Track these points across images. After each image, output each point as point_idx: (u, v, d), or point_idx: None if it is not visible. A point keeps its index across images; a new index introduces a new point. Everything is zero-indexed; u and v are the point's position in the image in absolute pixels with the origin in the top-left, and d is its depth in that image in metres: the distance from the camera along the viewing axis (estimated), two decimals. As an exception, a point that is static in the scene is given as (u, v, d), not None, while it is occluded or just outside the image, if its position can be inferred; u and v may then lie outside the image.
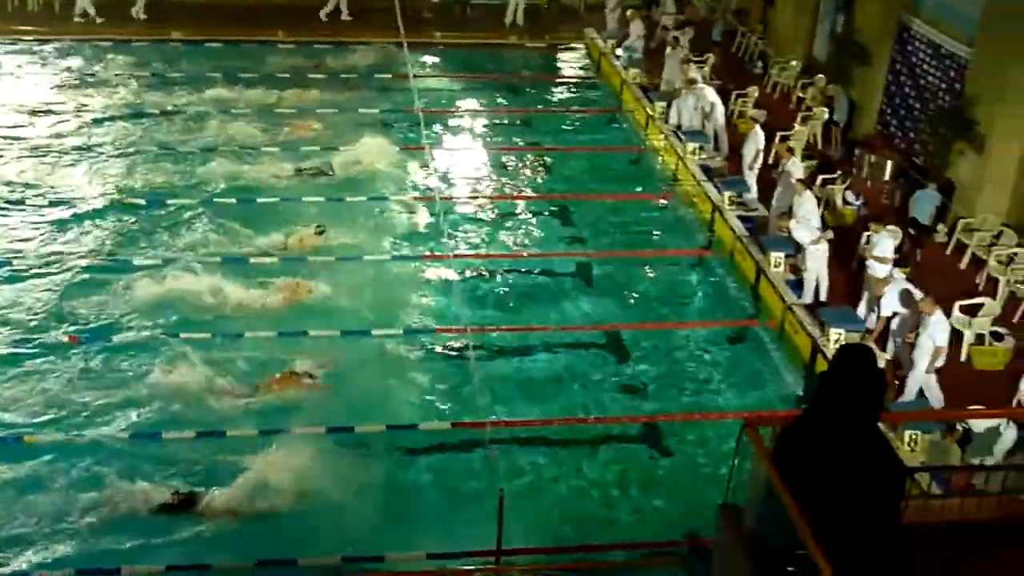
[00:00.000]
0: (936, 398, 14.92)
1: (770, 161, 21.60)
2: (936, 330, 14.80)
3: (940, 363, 15.01)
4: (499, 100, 27.81)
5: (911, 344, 15.23)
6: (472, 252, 20.01)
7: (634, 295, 18.98)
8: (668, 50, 27.18)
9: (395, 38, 26.65)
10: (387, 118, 25.67)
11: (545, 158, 24.38)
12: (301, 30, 30.80)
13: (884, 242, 16.93)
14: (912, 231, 19.12)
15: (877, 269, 16.76)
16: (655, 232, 21.43)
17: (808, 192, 18.76)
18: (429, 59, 30.07)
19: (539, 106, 27.56)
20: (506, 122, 26.50)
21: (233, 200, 21.15)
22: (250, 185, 21.84)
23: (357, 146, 23.43)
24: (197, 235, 19.74)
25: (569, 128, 26.34)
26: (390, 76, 28.11)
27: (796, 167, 19.94)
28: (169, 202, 20.96)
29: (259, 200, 21.28)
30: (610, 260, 20.09)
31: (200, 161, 22.68)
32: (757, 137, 21.39)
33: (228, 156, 22.89)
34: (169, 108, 25.40)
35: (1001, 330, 16.51)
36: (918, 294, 15.40)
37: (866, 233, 17.97)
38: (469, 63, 30.05)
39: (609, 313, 18.33)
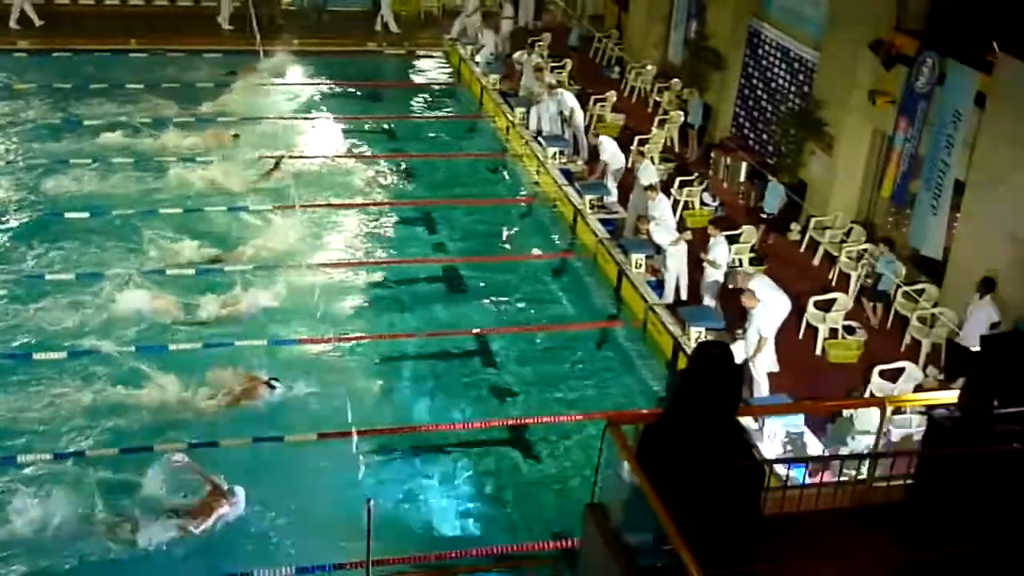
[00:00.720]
0: (763, 389, 15.37)
1: (629, 165, 21.93)
2: (760, 322, 15.25)
3: (768, 354, 15.45)
4: (359, 107, 27.60)
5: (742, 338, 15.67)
6: (335, 261, 19.81)
7: (500, 299, 19.03)
8: (525, 56, 27.43)
9: (251, 45, 26.37)
10: (243, 127, 25.23)
11: (407, 165, 24.28)
12: (153, 38, 30.22)
13: (719, 246, 17.39)
14: (762, 219, 19.94)
15: (710, 272, 17.21)
16: (519, 236, 21.55)
17: (661, 195, 19.14)
18: (287, 67, 29.65)
19: (400, 113, 27.43)
20: (366, 129, 26.30)
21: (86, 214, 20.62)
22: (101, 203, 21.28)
23: (213, 157, 23.03)
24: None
25: (431, 135, 26.32)
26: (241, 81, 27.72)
27: (646, 172, 20.24)
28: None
29: (115, 212, 20.71)
30: (475, 265, 20.09)
31: (55, 174, 22.07)
32: (608, 149, 21.81)
33: (91, 171, 22.31)
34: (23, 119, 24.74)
35: (854, 324, 17.07)
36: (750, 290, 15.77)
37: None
38: (327, 70, 29.78)
39: (475, 318, 18.35)
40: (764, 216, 20.47)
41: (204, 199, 21.52)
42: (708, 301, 17.20)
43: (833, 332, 16.94)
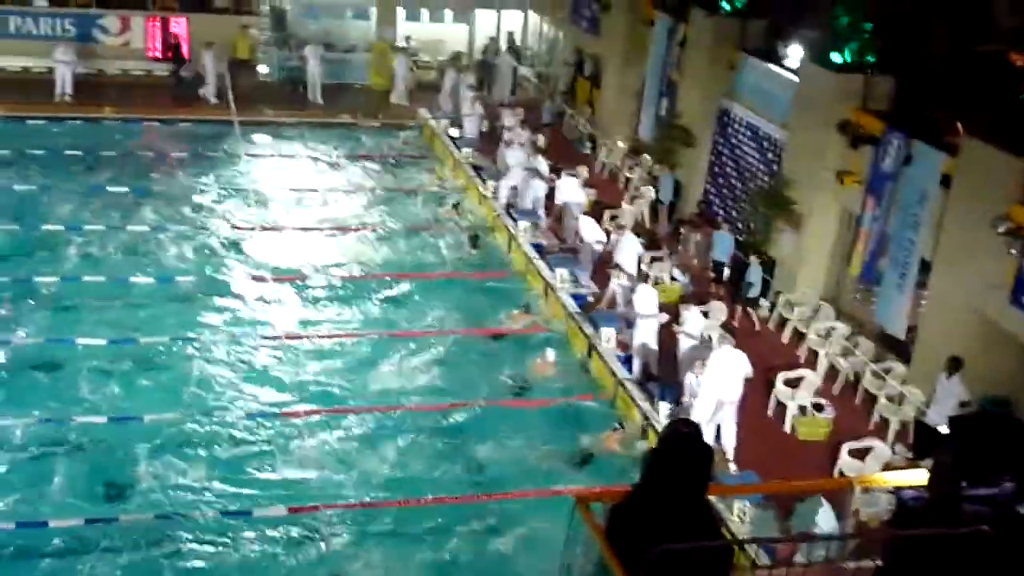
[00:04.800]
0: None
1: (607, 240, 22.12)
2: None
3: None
4: (332, 178, 27.67)
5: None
6: (306, 332, 19.75)
7: (468, 369, 18.96)
8: (505, 135, 27.53)
9: (225, 115, 26.45)
10: (218, 196, 25.29)
11: (379, 235, 24.28)
12: (131, 106, 30.43)
13: (693, 319, 17.48)
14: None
15: (684, 343, 17.30)
16: (491, 308, 21.52)
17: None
18: (260, 137, 29.86)
19: (373, 184, 27.49)
20: (340, 200, 26.31)
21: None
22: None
23: (189, 227, 23.08)
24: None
25: (402, 206, 26.35)
26: (220, 154, 27.85)
27: (628, 244, 20.55)
28: None
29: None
30: (447, 337, 20.01)
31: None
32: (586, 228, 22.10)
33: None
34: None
35: (822, 401, 17.11)
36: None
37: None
38: (303, 141, 29.98)
39: (447, 390, 18.26)
40: (715, 265, 21.15)
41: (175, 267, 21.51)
42: (685, 374, 17.15)
43: (802, 410, 16.98)
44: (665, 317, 18.30)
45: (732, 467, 15.64)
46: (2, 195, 24.41)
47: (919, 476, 7.75)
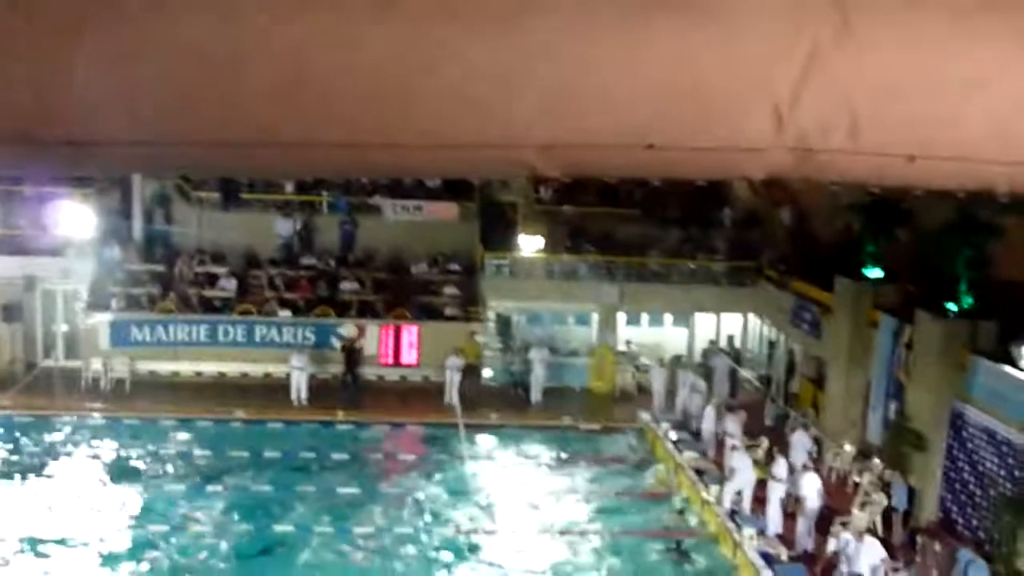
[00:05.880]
0: None
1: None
2: None
3: None
4: (553, 481, 27.81)
5: None
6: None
7: None
8: (728, 440, 27.22)
9: (449, 418, 27.27)
10: (444, 499, 25.85)
11: (602, 543, 24.00)
12: (362, 409, 31.93)
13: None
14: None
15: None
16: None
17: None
18: (484, 439, 30.58)
19: (594, 489, 27.46)
20: (561, 504, 26.32)
21: None
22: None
23: (412, 529, 23.55)
24: None
25: (622, 511, 26.03)
26: (446, 456, 28.63)
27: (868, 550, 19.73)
28: None
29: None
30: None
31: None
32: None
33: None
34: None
35: None
36: None
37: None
38: (525, 444, 30.55)
39: None
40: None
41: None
42: None
43: None
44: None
45: None
46: (239, 496, 25.61)
47: None
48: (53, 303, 35.44)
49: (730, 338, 36.77)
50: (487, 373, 36.10)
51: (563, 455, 29.80)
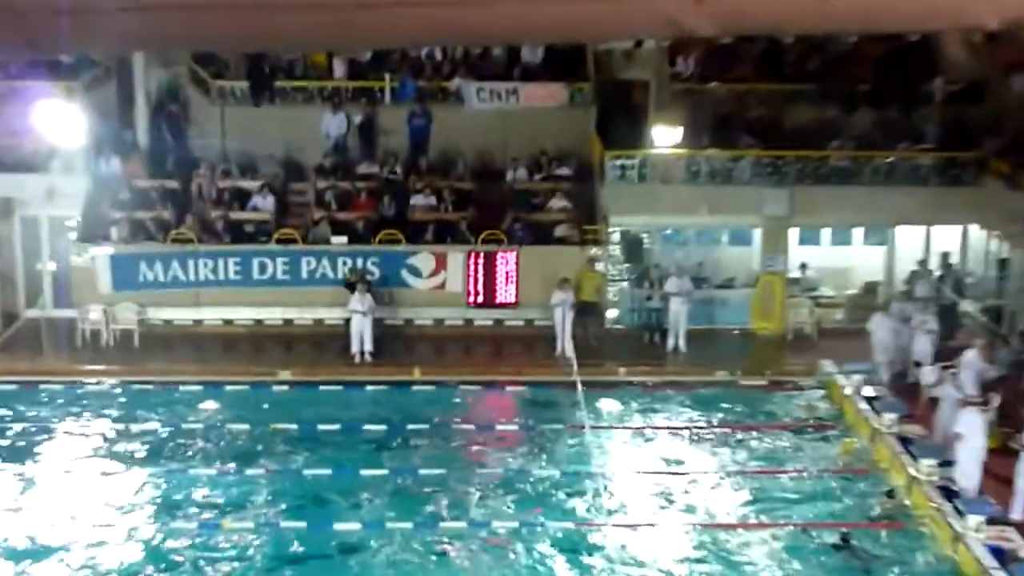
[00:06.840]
0: None
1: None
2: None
3: None
4: (702, 458, 27.69)
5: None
6: None
7: None
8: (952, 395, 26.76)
9: (561, 375, 27.20)
10: (556, 482, 25.96)
11: (772, 536, 23.85)
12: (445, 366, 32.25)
13: None
14: None
15: None
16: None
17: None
18: (608, 403, 30.62)
19: (757, 465, 27.27)
20: (713, 487, 26.18)
21: None
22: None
23: (517, 522, 23.80)
24: None
25: (800, 496, 25.81)
26: (558, 426, 28.71)
27: None
28: None
29: None
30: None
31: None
32: None
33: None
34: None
35: None
36: None
37: None
38: (663, 407, 30.52)
39: None
40: None
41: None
42: None
43: None
44: None
45: None
46: (289, 482, 25.88)
47: None
48: (36, 234, 36.00)
49: (945, 257, 36.02)
50: (611, 314, 35.97)
51: (715, 421, 29.72)
